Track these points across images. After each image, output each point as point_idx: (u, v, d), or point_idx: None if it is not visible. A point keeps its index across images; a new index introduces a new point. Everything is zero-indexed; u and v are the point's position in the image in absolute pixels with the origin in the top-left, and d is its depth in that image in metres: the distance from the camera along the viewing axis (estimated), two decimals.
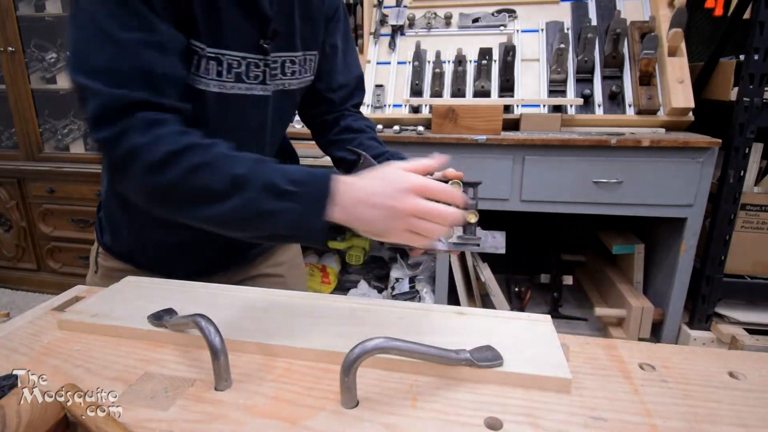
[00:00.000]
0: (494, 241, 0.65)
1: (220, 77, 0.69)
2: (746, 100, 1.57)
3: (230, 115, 0.73)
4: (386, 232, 0.57)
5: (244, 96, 0.72)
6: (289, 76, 0.78)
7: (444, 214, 0.56)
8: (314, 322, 0.63)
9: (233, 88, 0.71)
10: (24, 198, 2.58)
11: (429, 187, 0.56)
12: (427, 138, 1.75)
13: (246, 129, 0.76)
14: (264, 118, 0.77)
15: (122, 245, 0.86)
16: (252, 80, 0.72)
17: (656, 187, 1.66)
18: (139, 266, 0.86)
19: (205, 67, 0.67)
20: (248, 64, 0.71)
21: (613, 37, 1.77)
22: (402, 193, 0.55)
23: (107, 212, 0.87)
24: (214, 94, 0.69)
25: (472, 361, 0.52)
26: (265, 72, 0.73)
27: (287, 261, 0.99)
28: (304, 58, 0.79)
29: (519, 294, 2.15)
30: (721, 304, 1.81)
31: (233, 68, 0.69)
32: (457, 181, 0.64)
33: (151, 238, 0.83)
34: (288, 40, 0.75)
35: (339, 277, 2.34)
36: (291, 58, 0.77)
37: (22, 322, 0.66)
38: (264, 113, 0.76)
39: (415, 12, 2.07)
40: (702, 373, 0.55)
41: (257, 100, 0.74)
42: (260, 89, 0.74)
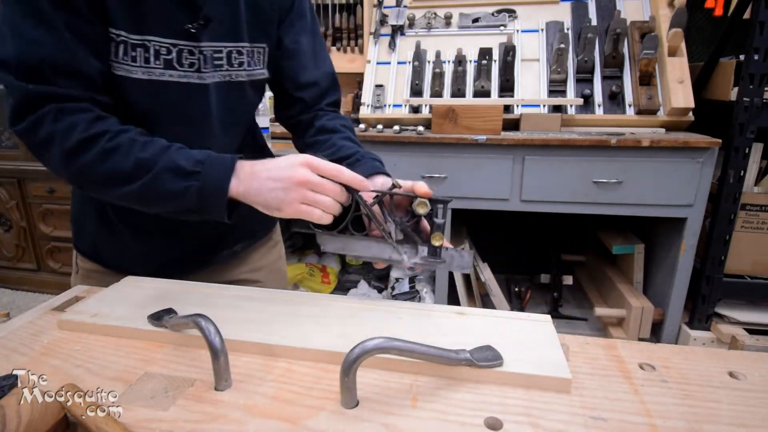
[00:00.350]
0: (461, 261, 0.65)
1: (147, 64, 0.68)
2: (746, 100, 1.57)
3: (164, 103, 0.72)
4: (282, 204, 0.62)
5: (179, 84, 0.72)
6: (236, 67, 0.77)
7: (333, 189, 0.63)
8: (314, 322, 0.63)
9: (163, 75, 0.70)
10: (24, 198, 2.58)
11: (318, 164, 0.63)
12: (427, 138, 1.75)
13: (187, 119, 0.74)
14: (206, 108, 0.75)
15: (89, 244, 0.87)
16: (187, 68, 0.71)
17: (656, 187, 1.66)
18: (107, 265, 0.86)
19: (130, 55, 0.67)
20: (180, 51, 0.70)
21: (613, 37, 1.77)
22: (294, 166, 0.62)
23: (74, 211, 0.88)
24: (143, 81, 0.69)
25: (472, 361, 0.52)
26: (200, 60, 0.72)
27: (266, 266, 0.99)
28: (252, 50, 0.78)
29: (519, 294, 2.15)
30: (721, 304, 1.81)
31: (161, 55, 0.69)
32: (424, 200, 0.63)
33: (115, 236, 0.83)
34: (231, 30, 0.74)
35: (339, 277, 2.34)
36: (238, 49, 0.76)
37: (22, 322, 0.66)
38: (206, 103, 0.75)
39: (415, 12, 2.07)
40: (702, 373, 0.55)
41: (197, 89, 0.73)
42: (196, 77, 0.72)
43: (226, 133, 0.81)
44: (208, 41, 0.72)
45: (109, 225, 0.83)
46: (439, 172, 1.79)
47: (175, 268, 0.85)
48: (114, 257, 0.87)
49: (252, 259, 0.97)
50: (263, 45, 0.80)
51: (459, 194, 1.81)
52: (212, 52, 0.73)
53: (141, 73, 0.68)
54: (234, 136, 0.85)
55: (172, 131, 0.71)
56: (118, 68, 0.67)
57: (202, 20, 0.70)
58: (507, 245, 2.39)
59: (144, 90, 0.70)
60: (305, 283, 2.24)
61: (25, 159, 2.55)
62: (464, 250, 0.66)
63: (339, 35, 2.24)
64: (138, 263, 0.85)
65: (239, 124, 0.85)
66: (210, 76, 0.74)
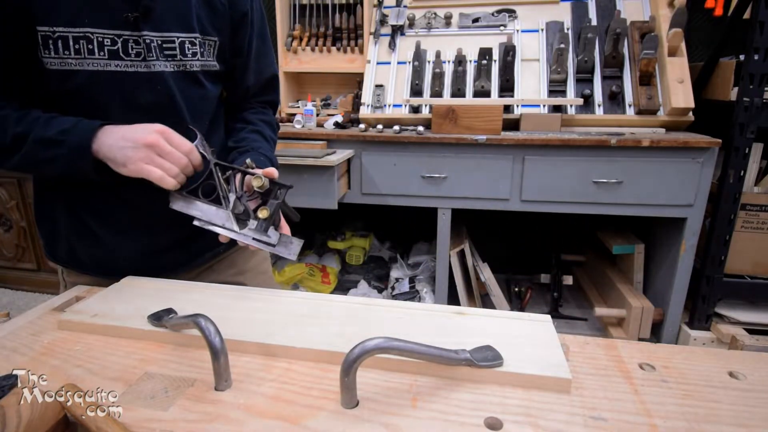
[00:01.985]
0: (289, 247, 0.74)
1: (92, 56, 0.71)
2: (746, 100, 1.57)
3: (115, 94, 0.74)
4: (127, 161, 0.68)
5: (126, 73, 0.73)
6: (190, 57, 0.78)
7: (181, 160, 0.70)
8: (314, 322, 0.63)
9: (108, 65, 0.72)
10: (24, 198, 2.58)
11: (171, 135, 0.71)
12: (427, 138, 1.75)
13: (143, 108, 0.75)
14: (160, 97, 0.77)
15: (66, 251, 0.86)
16: (134, 57, 0.73)
17: (656, 187, 1.66)
18: (92, 273, 0.86)
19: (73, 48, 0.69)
20: (125, 42, 0.72)
21: (613, 37, 1.77)
22: (146, 130, 0.69)
23: (41, 219, 0.87)
24: (86, 73, 0.71)
25: (472, 361, 0.52)
26: (145, 49, 0.73)
27: (251, 268, 0.99)
28: (203, 41, 0.80)
29: (519, 294, 2.15)
30: (721, 304, 1.81)
31: (106, 46, 0.71)
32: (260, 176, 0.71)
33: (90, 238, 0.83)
34: (181, 20, 0.76)
35: (339, 277, 2.34)
36: (191, 39, 0.78)
37: (22, 322, 0.66)
38: (160, 93, 0.76)
39: (415, 12, 2.07)
40: (702, 373, 0.55)
41: (148, 78, 0.75)
42: (143, 66, 0.74)
43: (197, 122, 0.82)
44: (152, 31, 0.74)
45: (82, 226, 0.82)
46: (439, 172, 1.79)
47: (158, 271, 0.84)
48: (95, 262, 0.85)
49: (237, 261, 0.97)
50: (214, 38, 0.82)
51: (459, 194, 1.81)
52: (161, 41, 0.75)
53: (86, 65, 0.71)
54: (207, 127, 0.86)
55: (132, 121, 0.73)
56: (54, 63, 0.69)
57: (141, 9, 0.72)
58: (507, 245, 2.39)
59: (89, 82, 0.71)
60: (305, 283, 2.24)
61: None
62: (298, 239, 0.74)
63: (339, 35, 2.24)
64: (119, 266, 0.83)
65: (207, 113, 0.87)
66: (159, 65, 0.75)
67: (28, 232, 2.63)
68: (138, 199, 0.80)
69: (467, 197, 1.81)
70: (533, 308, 2.09)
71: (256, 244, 0.73)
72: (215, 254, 0.94)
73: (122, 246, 0.83)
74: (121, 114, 0.74)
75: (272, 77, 0.97)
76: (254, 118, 0.95)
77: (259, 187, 0.72)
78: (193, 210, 0.75)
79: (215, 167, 0.74)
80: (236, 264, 0.97)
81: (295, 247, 0.74)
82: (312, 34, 2.27)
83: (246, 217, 0.74)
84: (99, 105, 0.74)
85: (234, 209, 0.74)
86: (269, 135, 0.95)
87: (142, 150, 0.68)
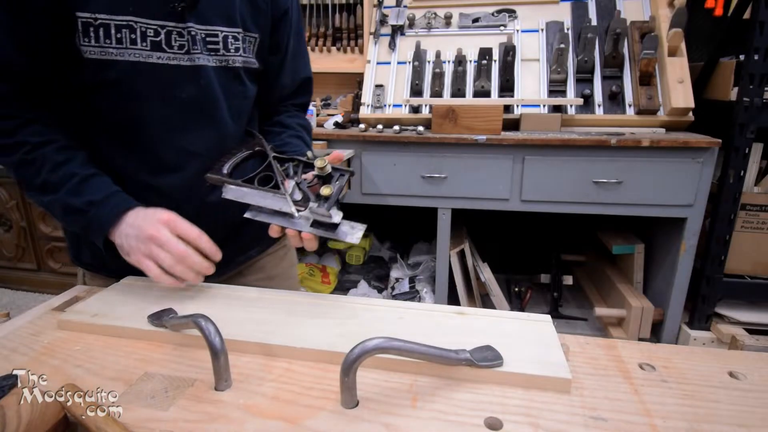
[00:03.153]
0: (351, 231, 0.68)
1: (134, 45, 0.69)
2: (746, 100, 1.57)
3: (152, 86, 0.72)
4: (130, 251, 0.67)
5: (169, 66, 0.72)
6: (233, 52, 0.77)
7: (178, 249, 0.65)
8: (314, 322, 0.63)
9: (150, 57, 0.70)
10: (24, 198, 2.58)
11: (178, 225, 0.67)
12: (427, 138, 1.75)
13: (180, 103, 0.74)
14: (201, 92, 0.75)
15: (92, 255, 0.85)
16: (177, 50, 0.72)
17: (656, 187, 1.66)
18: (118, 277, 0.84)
19: (115, 37, 0.67)
20: (169, 33, 0.71)
21: (613, 37, 1.77)
22: (154, 221, 0.67)
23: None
24: (127, 64, 0.69)
25: (472, 361, 0.52)
26: (189, 42, 0.72)
27: (279, 274, 0.99)
28: (244, 37, 0.79)
29: (519, 294, 2.15)
30: (721, 304, 1.81)
31: (149, 36, 0.69)
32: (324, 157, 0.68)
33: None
34: (225, 14, 0.75)
35: (339, 277, 2.34)
36: (234, 34, 0.77)
37: (22, 322, 0.66)
38: (201, 87, 0.75)
39: (415, 12, 2.07)
40: (702, 373, 0.55)
41: (191, 72, 0.73)
42: (186, 59, 0.72)
43: (235, 121, 0.81)
44: (197, 23, 0.72)
45: None
46: (439, 172, 1.79)
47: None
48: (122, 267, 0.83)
49: (266, 266, 0.97)
50: (255, 35, 0.81)
51: (459, 194, 1.81)
52: (204, 35, 0.73)
53: (126, 55, 0.69)
54: (242, 126, 0.85)
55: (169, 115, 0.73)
56: (94, 52, 0.67)
57: (188, 0, 0.71)
58: (507, 245, 2.39)
59: (129, 73, 0.69)
60: (305, 283, 2.24)
61: None
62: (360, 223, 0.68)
63: (339, 35, 2.24)
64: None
65: (246, 112, 0.85)
66: (203, 58, 0.74)
67: (28, 232, 2.63)
68: (171, 201, 0.78)
69: (467, 197, 1.81)
70: (533, 308, 2.09)
71: (314, 231, 0.67)
72: (248, 257, 0.93)
73: None
74: (159, 108, 0.73)
75: (307, 78, 0.96)
76: (292, 122, 0.93)
77: (321, 169, 0.67)
78: (247, 198, 0.71)
79: (274, 160, 0.72)
80: (265, 269, 0.96)
81: (357, 232, 0.67)
82: (312, 34, 2.27)
83: (305, 203, 0.68)
84: (137, 98, 0.72)
85: (292, 195, 0.69)
86: (308, 140, 0.93)
87: (143, 242, 0.66)
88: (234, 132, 0.81)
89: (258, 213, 0.70)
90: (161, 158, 0.76)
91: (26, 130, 0.69)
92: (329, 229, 0.67)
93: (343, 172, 0.70)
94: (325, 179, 0.69)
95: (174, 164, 0.77)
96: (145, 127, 0.73)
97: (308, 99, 0.98)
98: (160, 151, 0.75)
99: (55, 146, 0.70)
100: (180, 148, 0.76)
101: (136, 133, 0.74)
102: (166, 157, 0.76)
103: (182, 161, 0.77)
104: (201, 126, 0.76)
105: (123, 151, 0.75)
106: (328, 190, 0.66)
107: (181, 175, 0.77)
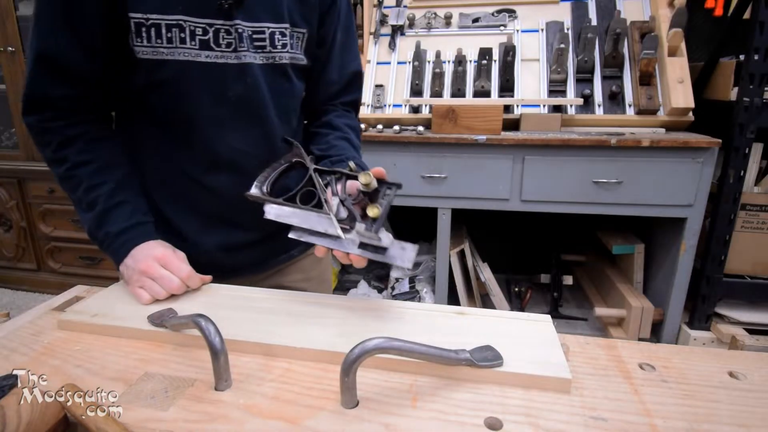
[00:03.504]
0: (404, 252, 0.62)
1: (183, 44, 0.69)
2: (746, 100, 1.57)
3: (202, 86, 0.72)
4: (128, 281, 0.72)
5: (216, 65, 0.72)
6: (279, 49, 0.76)
7: (167, 278, 0.70)
8: (314, 322, 0.63)
9: (199, 56, 0.71)
10: (24, 198, 2.58)
11: (168, 258, 0.72)
12: (427, 138, 1.75)
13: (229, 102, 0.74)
14: (249, 91, 0.75)
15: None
16: (224, 48, 0.72)
17: (656, 187, 1.66)
18: None
19: (165, 36, 0.68)
20: (216, 32, 0.71)
21: (613, 37, 1.77)
22: (146, 257, 0.71)
23: None
24: (176, 63, 0.70)
25: (472, 361, 0.52)
26: (236, 39, 0.72)
27: (316, 276, 0.99)
28: (293, 33, 0.78)
29: (519, 294, 2.15)
30: (721, 304, 1.81)
31: (197, 35, 0.70)
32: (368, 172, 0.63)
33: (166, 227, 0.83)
34: (272, 10, 0.74)
35: (339, 277, 2.34)
36: (281, 30, 0.76)
37: (22, 322, 0.66)
38: (249, 86, 0.75)
39: (415, 12, 2.07)
40: (702, 373, 0.55)
41: (238, 70, 0.73)
42: (234, 57, 0.73)
43: (282, 120, 0.81)
44: (245, 20, 0.72)
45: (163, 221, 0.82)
46: (439, 172, 1.79)
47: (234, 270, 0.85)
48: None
49: (305, 267, 0.97)
50: (303, 30, 0.80)
51: (459, 194, 1.81)
52: (251, 32, 0.73)
53: (176, 54, 0.69)
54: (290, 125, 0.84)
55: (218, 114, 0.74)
56: (146, 52, 0.68)
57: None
58: (507, 245, 2.39)
59: (178, 73, 0.70)
60: None
61: (26, 159, 2.56)
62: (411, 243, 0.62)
63: None
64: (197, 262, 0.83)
65: (293, 110, 0.84)
66: (249, 56, 0.73)
67: (28, 232, 2.63)
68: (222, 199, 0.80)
69: (467, 197, 1.81)
70: (533, 308, 2.09)
71: (362, 253, 0.63)
72: (290, 257, 0.93)
73: (202, 239, 0.83)
74: (209, 107, 0.73)
75: (356, 73, 0.92)
76: (340, 122, 0.90)
77: (366, 185, 0.62)
78: (291, 218, 0.68)
79: (315, 173, 0.69)
80: (304, 270, 0.97)
81: (409, 253, 0.61)
82: None
83: (351, 221, 0.64)
84: (187, 97, 0.73)
85: (337, 214, 0.65)
86: (357, 143, 0.90)
87: (137, 275, 0.70)
88: (281, 131, 0.81)
89: (302, 233, 0.67)
90: (212, 157, 0.77)
91: (71, 148, 0.73)
92: (378, 251, 0.62)
93: (390, 185, 0.64)
94: (371, 195, 0.65)
95: (224, 163, 0.78)
96: (196, 126, 0.74)
97: (358, 96, 0.95)
98: (210, 149, 0.76)
99: (92, 167, 0.74)
100: (230, 147, 0.77)
101: (188, 132, 0.75)
102: (217, 156, 0.77)
103: (232, 160, 0.78)
104: (249, 125, 0.77)
105: (176, 150, 0.77)
106: (376, 210, 0.61)
107: (230, 173, 0.78)
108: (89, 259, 2.60)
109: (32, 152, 2.55)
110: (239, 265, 0.87)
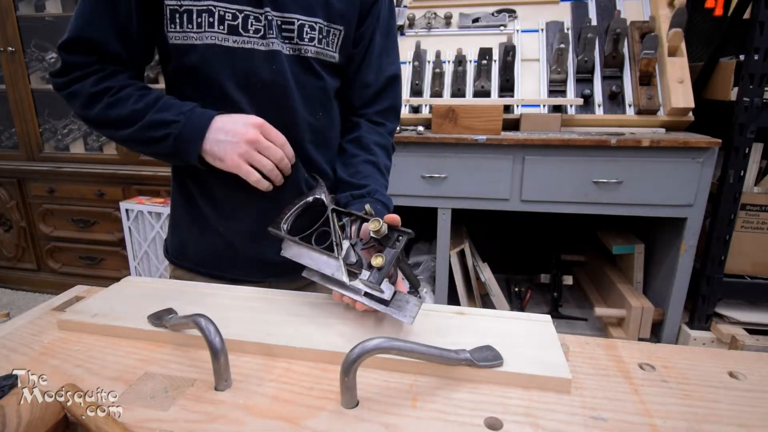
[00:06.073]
0: (405, 308, 0.61)
1: (212, 29, 0.72)
2: (746, 100, 1.57)
3: (228, 70, 0.74)
4: (225, 156, 0.70)
5: (244, 50, 0.73)
6: (306, 42, 0.77)
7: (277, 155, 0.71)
8: (314, 322, 0.63)
9: (226, 40, 0.73)
10: (24, 198, 2.58)
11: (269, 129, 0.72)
12: (427, 138, 1.75)
13: (254, 88, 0.75)
14: (275, 77, 0.75)
15: (178, 245, 0.89)
16: (252, 34, 0.73)
17: (656, 187, 1.66)
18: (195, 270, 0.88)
19: (195, 21, 0.71)
20: (246, 17, 0.72)
21: (613, 37, 1.77)
22: (248, 125, 0.70)
23: (172, 216, 0.91)
24: (204, 47, 0.72)
25: (472, 361, 0.52)
26: (266, 26, 0.73)
27: None
28: (328, 29, 0.78)
29: (519, 294, 2.15)
30: (721, 304, 1.81)
31: (226, 20, 0.72)
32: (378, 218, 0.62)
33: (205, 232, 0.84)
34: (305, 3, 0.75)
35: None
36: (311, 24, 0.76)
37: (22, 322, 0.66)
38: (275, 72, 0.75)
39: (415, 12, 2.07)
40: (702, 373, 0.55)
41: (266, 56, 0.74)
42: (261, 44, 0.74)
43: (308, 113, 0.80)
44: (274, 9, 0.73)
45: (199, 216, 0.83)
46: (439, 172, 1.79)
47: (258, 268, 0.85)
48: (202, 257, 0.88)
49: None
50: (340, 27, 0.79)
51: (459, 194, 1.81)
52: (280, 22, 0.74)
53: (204, 38, 0.72)
54: (317, 118, 0.83)
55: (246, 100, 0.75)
56: (178, 37, 0.72)
57: None
58: (507, 245, 2.39)
59: (205, 56, 0.72)
60: None
61: (26, 159, 2.56)
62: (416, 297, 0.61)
63: None
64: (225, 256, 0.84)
65: (320, 104, 0.83)
66: (277, 44, 0.74)
67: (28, 232, 2.63)
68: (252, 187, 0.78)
69: (467, 197, 1.81)
70: (533, 308, 2.09)
71: (365, 301, 0.62)
72: None
73: (231, 229, 0.83)
74: (236, 92, 0.75)
75: (393, 76, 0.89)
76: (369, 140, 0.87)
77: (376, 232, 0.62)
78: (305, 258, 0.69)
79: (332, 213, 0.70)
80: None
81: (411, 308, 0.60)
82: None
83: (359, 268, 0.64)
84: (215, 82, 0.74)
85: (346, 258, 0.65)
86: (385, 164, 0.88)
87: (242, 146, 0.69)
88: (309, 124, 0.81)
89: (313, 274, 0.68)
90: None
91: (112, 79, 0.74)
92: (381, 302, 0.61)
93: (401, 233, 0.63)
94: (381, 241, 0.64)
95: None
96: (225, 112, 0.74)
97: (395, 102, 0.91)
98: None
99: (138, 86, 0.75)
100: None
101: None
102: None
103: None
104: (274, 112, 0.77)
105: None
106: (380, 260, 0.61)
107: None
108: (89, 259, 2.60)
109: (32, 152, 2.55)
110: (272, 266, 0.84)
